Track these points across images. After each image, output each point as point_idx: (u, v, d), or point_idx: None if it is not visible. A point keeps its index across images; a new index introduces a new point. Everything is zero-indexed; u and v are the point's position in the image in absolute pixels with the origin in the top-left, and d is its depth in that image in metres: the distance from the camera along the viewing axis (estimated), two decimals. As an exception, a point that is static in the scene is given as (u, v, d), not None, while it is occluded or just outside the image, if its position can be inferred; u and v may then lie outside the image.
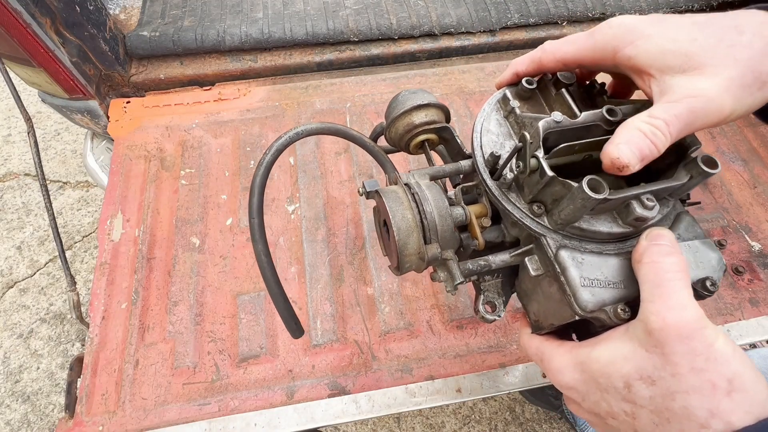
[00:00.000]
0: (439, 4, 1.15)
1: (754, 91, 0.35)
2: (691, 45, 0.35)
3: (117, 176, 0.97)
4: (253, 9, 1.14)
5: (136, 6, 1.13)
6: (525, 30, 1.17)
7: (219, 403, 0.75)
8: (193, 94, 1.09)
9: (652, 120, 0.34)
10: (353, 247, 0.91)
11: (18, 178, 1.99)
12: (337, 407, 0.74)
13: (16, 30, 0.82)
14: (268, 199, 0.96)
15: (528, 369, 0.78)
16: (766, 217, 0.96)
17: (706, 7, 1.21)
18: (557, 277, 0.40)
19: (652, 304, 0.34)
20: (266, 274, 0.56)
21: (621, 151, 0.34)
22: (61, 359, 1.60)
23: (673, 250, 0.36)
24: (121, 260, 0.88)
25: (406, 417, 1.50)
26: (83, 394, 0.75)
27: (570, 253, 0.40)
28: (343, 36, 1.10)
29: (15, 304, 1.69)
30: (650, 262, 0.36)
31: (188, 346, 0.80)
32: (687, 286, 0.35)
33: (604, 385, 0.37)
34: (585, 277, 0.39)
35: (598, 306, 0.38)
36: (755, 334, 0.82)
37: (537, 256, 0.44)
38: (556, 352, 0.43)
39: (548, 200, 0.42)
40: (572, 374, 0.40)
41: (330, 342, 0.81)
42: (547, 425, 1.51)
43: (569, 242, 0.41)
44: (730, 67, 0.34)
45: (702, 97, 0.34)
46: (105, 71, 1.02)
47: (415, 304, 0.85)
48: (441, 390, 0.76)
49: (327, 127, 0.61)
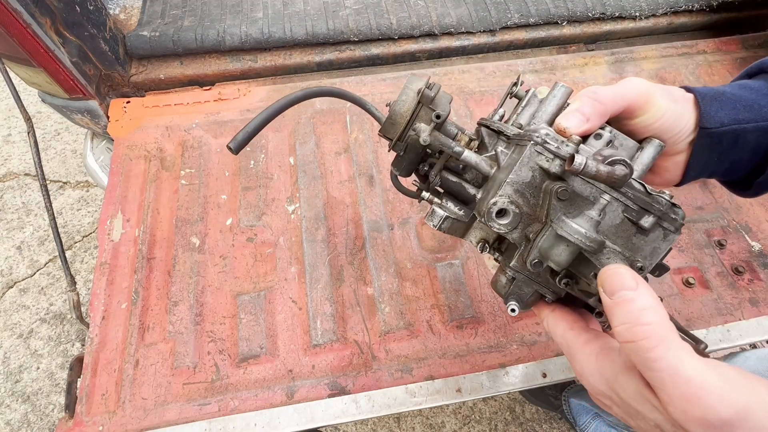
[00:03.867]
0: (439, 4, 1.15)
1: (670, 99, 0.46)
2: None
3: (117, 176, 0.97)
4: (253, 9, 1.14)
5: (136, 6, 1.13)
6: (525, 30, 1.17)
7: (219, 403, 0.75)
8: (193, 94, 1.09)
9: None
10: (353, 247, 0.91)
11: (18, 178, 1.99)
12: (337, 407, 0.74)
13: (16, 30, 0.82)
14: (268, 199, 0.96)
15: (528, 369, 0.78)
16: (766, 217, 0.96)
17: (706, 7, 1.21)
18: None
19: (665, 395, 0.32)
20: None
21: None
22: (61, 359, 1.60)
23: (645, 303, 0.34)
24: (121, 260, 0.88)
25: (406, 417, 1.50)
26: (83, 394, 0.75)
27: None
28: (343, 36, 1.10)
29: (15, 304, 1.69)
30: (632, 342, 0.34)
31: (188, 346, 0.80)
32: (681, 347, 0.32)
33: (633, 412, 0.36)
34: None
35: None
36: (755, 334, 0.83)
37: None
38: (581, 353, 0.42)
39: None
40: (600, 387, 0.39)
41: (330, 342, 0.81)
42: (547, 425, 1.51)
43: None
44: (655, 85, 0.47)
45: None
46: (105, 71, 1.02)
47: (415, 304, 0.85)
48: (441, 390, 0.76)
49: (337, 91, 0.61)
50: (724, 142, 0.47)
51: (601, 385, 0.39)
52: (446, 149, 0.48)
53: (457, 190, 0.52)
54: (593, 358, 0.40)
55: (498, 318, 0.84)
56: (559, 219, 0.40)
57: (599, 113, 0.44)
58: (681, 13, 1.22)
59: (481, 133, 0.52)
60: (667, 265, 0.44)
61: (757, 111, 0.47)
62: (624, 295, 0.35)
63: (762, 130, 0.47)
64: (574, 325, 0.45)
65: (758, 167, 0.50)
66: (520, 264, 0.46)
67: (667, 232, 0.42)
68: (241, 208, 0.95)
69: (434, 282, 0.87)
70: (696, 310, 0.86)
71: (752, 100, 0.47)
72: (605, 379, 0.38)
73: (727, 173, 0.52)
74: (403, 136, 0.52)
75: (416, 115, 0.51)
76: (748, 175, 0.52)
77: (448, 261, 0.89)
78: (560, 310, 0.47)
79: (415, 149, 0.53)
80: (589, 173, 0.36)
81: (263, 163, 1.01)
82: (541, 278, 0.46)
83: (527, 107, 0.51)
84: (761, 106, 0.47)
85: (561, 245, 0.40)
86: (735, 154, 0.49)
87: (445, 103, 0.52)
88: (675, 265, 0.90)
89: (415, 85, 0.52)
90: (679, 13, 1.22)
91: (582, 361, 0.41)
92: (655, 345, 0.32)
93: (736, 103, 0.47)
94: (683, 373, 0.31)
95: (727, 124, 0.46)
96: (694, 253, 0.92)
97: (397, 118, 0.52)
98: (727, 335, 0.82)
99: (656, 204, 0.41)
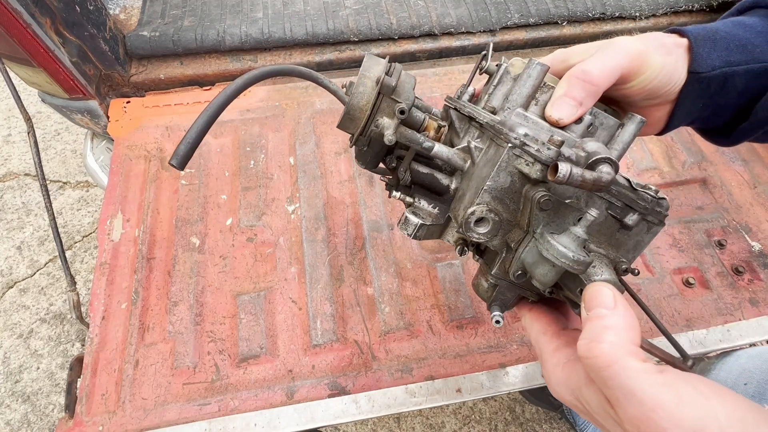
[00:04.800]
0: (439, 4, 1.15)
1: (665, 53, 0.43)
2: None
3: (117, 176, 0.97)
4: (253, 9, 1.14)
5: (136, 6, 1.13)
6: (525, 30, 1.17)
7: (219, 403, 0.75)
8: (193, 94, 1.09)
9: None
10: (353, 247, 0.91)
11: (18, 178, 1.99)
12: (337, 407, 0.74)
13: (16, 30, 0.82)
14: (268, 199, 0.96)
15: (528, 369, 0.78)
16: (766, 217, 0.96)
17: (706, 7, 1.21)
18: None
19: (621, 413, 0.32)
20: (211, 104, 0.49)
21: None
22: (61, 359, 1.60)
23: (611, 323, 0.33)
24: (121, 260, 0.88)
25: (406, 417, 1.50)
26: (83, 394, 0.75)
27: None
28: (343, 36, 1.10)
29: (15, 304, 1.69)
30: (586, 359, 0.33)
31: (188, 346, 0.80)
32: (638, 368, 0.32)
33: (599, 419, 0.36)
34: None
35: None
36: (755, 334, 0.83)
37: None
38: (549, 361, 0.41)
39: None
40: (566, 396, 0.39)
41: (330, 342, 0.81)
42: (547, 425, 1.51)
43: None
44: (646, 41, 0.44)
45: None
46: (105, 71, 1.02)
47: (415, 304, 0.85)
48: (441, 390, 0.76)
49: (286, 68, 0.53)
50: (713, 86, 0.45)
51: (567, 394, 0.39)
52: (414, 145, 0.44)
53: (429, 182, 0.48)
54: (559, 367, 0.40)
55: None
56: (544, 239, 0.38)
57: (592, 94, 0.40)
58: (681, 13, 1.22)
59: (451, 116, 0.48)
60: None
61: (750, 52, 0.44)
62: (597, 313, 0.35)
63: (752, 72, 0.44)
64: (548, 329, 0.44)
65: (741, 113, 0.47)
66: (502, 272, 0.44)
67: (651, 225, 0.41)
68: (241, 208, 0.95)
69: (434, 282, 0.87)
70: (696, 310, 0.86)
71: (746, 39, 0.44)
72: (570, 389, 0.38)
73: (708, 120, 0.49)
74: (365, 132, 0.46)
75: (377, 108, 0.45)
76: (729, 122, 0.49)
77: (448, 261, 0.89)
78: (536, 310, 0.47)
79: (380, 143, 0.47)
80: (575, 182, 0.34)
81: (263, 163, 1.01)
82: (524, 284, 0.45)
83: (499, 86, 0.46)
84: (754, 46, 0.44)
85: (546, 265, 0.38)
86: (721, 99, 0.46)
87: (408, 90, 0.45)
88: (675, 265, 0.90)
89: (372, 72, 0.45)
90: (679, 13, 1.22)
91: (549, 368, 0.41)
92: (608, 364, 0.32)
93: (729, 42, 0.44)
94: (636, 393, 0.31)
95: (719, 67, 0.44)
96: (694, 253, 0.92)
97: (355, 112, 0.46)
98: (727, 335, 0.82)
99: (641, 201, 0.40)
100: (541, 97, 0.44)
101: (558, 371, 0.40)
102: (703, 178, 1.02)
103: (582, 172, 0.34)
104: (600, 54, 0.42)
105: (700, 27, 0.45)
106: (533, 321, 0.46)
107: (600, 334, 0.33)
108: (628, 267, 0.41)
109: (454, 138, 0.48)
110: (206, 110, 0.48)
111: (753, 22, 0.46)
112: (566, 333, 0.43)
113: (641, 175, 1.02)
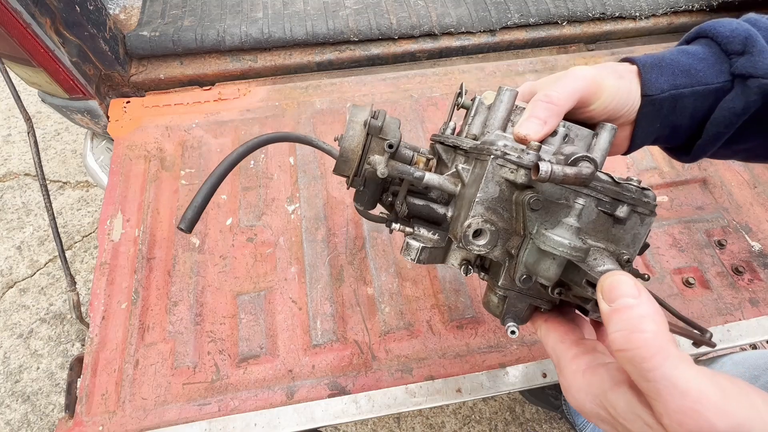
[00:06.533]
0: (439, 4, 1.15)
1: (617, 77, 0.48)
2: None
3: (117, 176, 0.97)
4: (253, 9, 1.14)
5: (136, 6, 1.13)
6: (525, 30, 1.17)
7: (219, 403, 0.75)
8: (193, 94, 1.09)
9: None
10: (353, 247, 0.91)
11: (18, 178, 1.99)
12: (337, 407, 0.74)
13: (16, 30, 0.82)
14: (268, 199, 0.96)
15: (528, 369, 0.78)
16: (766, 217, 0.96)
17: (706, 7, 1.21)
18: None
19: (661, 407, 0.31)
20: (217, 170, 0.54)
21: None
22: (61, 359, 1.60)
23: (644, 311, 0.32)
24: (121, 260, 0.88)
25: (406, 417, 1.50)
26: (83, 394, 0.75)
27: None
28: (343, 36, 1.10)
29: (15, 304, 1.69)
30: (627, 351, 0.32)
31: (188, 346, 0.80)
32: (679, 357, 0.31)
33: (627, 424, 0.35)
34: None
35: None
36: (755, 334, 0.83)
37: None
38: (568, 368, 0.41)
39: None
40: (588, 404, 0.38)
41: (330, 342, 0.81)
42: (547, 425, 1.51)
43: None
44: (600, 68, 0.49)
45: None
46: (105, 71, 1.02)
47: (415, 304, 0.85)
48: (441, 390, 0.76)
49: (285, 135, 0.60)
50: (665, 107, 0.49)
51: (589, 402, 0.38)
52: (406, 176, 0.47)
53: (427, 213, 0.51)
54: (580, 374, 0.39)
55: (498, 318, 0.84)
56: (539, 233, 0.39)
57: (555, 114, 0.44)
58: (681, 13, 1.22)
59: (437, 150, 0.51)
60: (647, 242, 0.44)
61: (693, 76, 0.49)
62: (624, 302, 0.33)
63: (698, 93, 0.49)
64: (565, 338, 0.44)
65: (697, 131, 0.52)
66: (509, 281, 0.45)
67: (642, 216, 0.42)
68: (241, 208, 0.95)
69: (434, 282, 0.87)
70: (696, 310, 0.86)
71: (689, 65, 0.49)
72: (593, 396, 0.37)
73: (669, 139, 0.53)
74: (359, 172, 0.51)
75: (368, 147, 0.50)
76: (688, 139, 0.53)
77: (448, 261, 0.89)
78: (552, 321, 0.47)
79: (375, 181, 0.52)
80: (557, 179, 0.36)
81: (263, 163, 1.01)
82: (532, 291, 0.45)
83: (477, 116, 0.51)
84: (697, 71, 0.49)
85: (547, 260, 0.39)
86: (675, 119, 0.50)
87: (394, 129, 0.51)
88: (675, 265, 0.90)
89: (359, 117, 0.51)
90: (679, 13, 1.22)
91: (569, 376, 0.40)
92: (652, 354, 0.31)
93: (674, 68, 0.49)
94: (680, 385, 0.30)
95: (667, 90, 0.48)
96: (694, 253, 0.92)
97: (348, 154, 0.50)
98: (728, 335, 0.82)
99: (627, 192, 0.41)
100: (516, 119, 0.48)
101: (579, 378, 0.39)
102: (703, 178, 1.02)
103: (563, 168, 0.36)
104: (559, 81, 0.47)
105: (648, 55, 0.51)
106: (549, 331, 0.46)
107: (638, 324, 0.32)
108: (630, 258, 0.41)
109: (443, 169, 0.51)
110: (210, 177, 0.53)
111: (695, 50, 0.50)
112: (584, 342, 0.43)
113: (641, 175, 1.02)
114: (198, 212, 0.52)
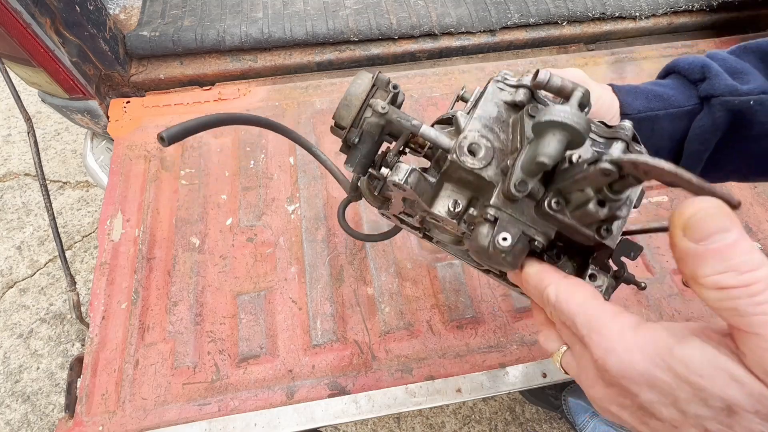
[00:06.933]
0: (439, 4, 1.15)
1: (600, 87, 0.53)
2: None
3: (117, 176, 0.97)
4: (253, 9, 1.14)
5: (136, 6, 1.13)
6: (525, 30, 1.17)
7: (219, 403, 0.75)
8: (193, 94, 1.09)
9: None
10: (353, 247, 0.91)
11: (18, 178, 1.99)
12: (337, 407, 0.74)
13: (16, 30, 0.82)
14: (268, 199, 0.96)
15: (528, 369, 0.78)
16: (766, 217, 0.96)
17: (706, 7, 1.21)
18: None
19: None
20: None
21: None
22: (61, 359, 1.60)
23: (748, 246, 0.29)
24: (121, 260, 0.88)
25: (406, 417, 1.50)
26: (83, 394, 0.75)
27: None
28: (343, 36, 1.10)
29: (15, 304, 1.69)
30: (739, 288, 0.28)
31: (188, 346, 0.80)
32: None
33: (690, 395, 0.30)
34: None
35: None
36: (755, 334, 0.82)
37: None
38: (611, 326, 0.34)
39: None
40: (644, 365, 0.32)
41: (330, 342, 0.81)
42: (547, 425, 1.51)
43: None
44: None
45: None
46: (105, 71, 1.02)
47: (415, 304, 0.85)
48: (441, 390, 0.76)
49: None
50: (643, 128, 0.53)
51: (647, 361, 0.32)
52: (404, 123, 0.46)
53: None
54: (630, 331, 0.33)
55: (498, 318, 0.84)
56: (539, 112, 0.39)
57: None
58: (681, 13, 1.22)
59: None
60: (640, 245, 0.43)
61: (666, 100, 0.53)
62: (723, 239, 0.29)
63: (672, 116, 0.53)
64: (597, 294, 0.37)
65: (678, 152, 0.55)
66: (501, 200, 0.40)
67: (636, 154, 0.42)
68: (241, 208, 0.95)
69: (434, 282, 0.87)
70: (696, 309, 0.86)
71: (662, 92, 0.54)
72: (652, 354, 0.32)
73: None
74: (358, 119, 0.49)
75: (371, 95, 0.50)
76: (673, 161, 0.54)
77: (448, 261, 0.89)
78: (573, 280, 0.40)
79: (371, 137, 0.49)
80: (554, 85, 0.38)
81: (263, 163, 1.01)
82: (525, 214, 0.41)
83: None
84: (669, 96, 0.54)
85: (547, 136, 0.34)
86: (656, 141, 0.54)
87: (400, 93, 0.52)
88: (675, 265, 0.90)
89: (367, 77, 0.52)
90: (679, 13, 1.22)
91: (613, 335, 0.34)
92: (763, 289, 0.27)
93: (648, 94, 0.54)
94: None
95: (643, 111, 0.53)
96: (694, 253, 0.92)
97: (352, 99, 0.50)
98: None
99: (621, 130, 0.42)
100: None
101: (628, 336, 0.33)
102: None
103: (561, 78, 0.38)
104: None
105: (623, 84, 0.56)
106: (575, 287, 0.39)
107: (749, 262, 0.28)
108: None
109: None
110: (216, 114, 0.53)
111: (666, 82, 0.56)
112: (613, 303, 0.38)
113: (641, 175, 1.02)
114: (184, 133, 0.50)
